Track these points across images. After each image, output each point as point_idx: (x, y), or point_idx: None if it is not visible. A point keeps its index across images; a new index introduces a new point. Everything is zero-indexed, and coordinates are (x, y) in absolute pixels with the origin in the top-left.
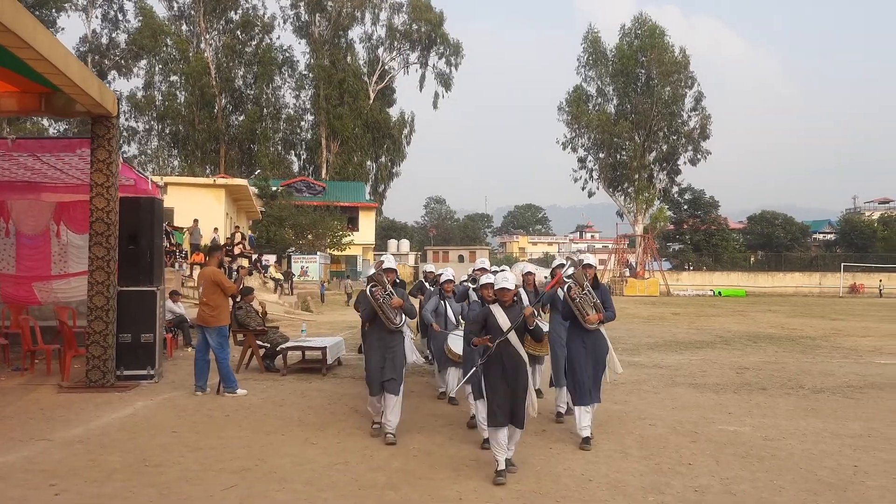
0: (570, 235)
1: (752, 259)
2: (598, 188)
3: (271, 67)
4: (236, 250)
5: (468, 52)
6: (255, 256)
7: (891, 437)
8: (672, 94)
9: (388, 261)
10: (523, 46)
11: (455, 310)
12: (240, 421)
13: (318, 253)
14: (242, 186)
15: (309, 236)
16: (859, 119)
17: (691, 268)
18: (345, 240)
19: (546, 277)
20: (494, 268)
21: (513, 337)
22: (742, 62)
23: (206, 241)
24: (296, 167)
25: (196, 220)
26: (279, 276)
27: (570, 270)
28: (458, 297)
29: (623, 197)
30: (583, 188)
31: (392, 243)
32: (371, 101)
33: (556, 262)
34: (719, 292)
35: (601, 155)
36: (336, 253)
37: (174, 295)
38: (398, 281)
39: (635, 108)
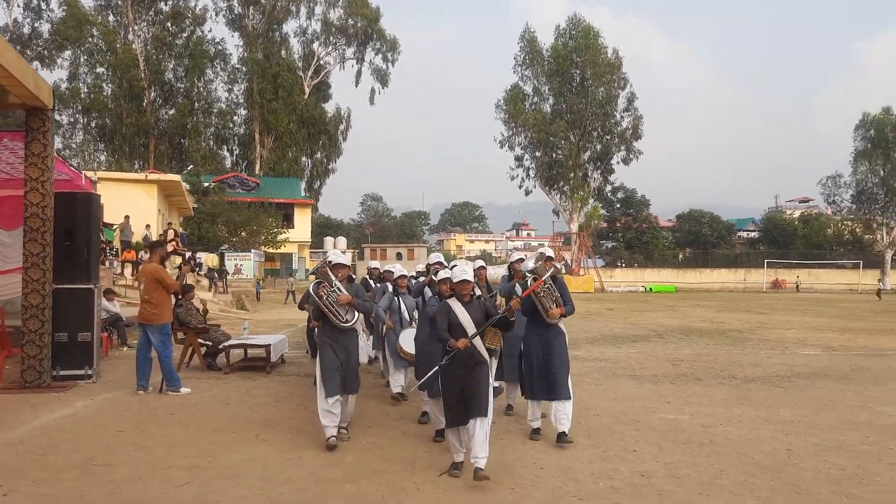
0: (507, 233)
1: (681, 256)
2: (534, 186)
3: (203, 60)
4: (169, 248)
5: (406, 48)
6: (188, 254)
7: (818, 422)
8: (605, 94)
9: (337, 256)
10: (461, 44)
11: (409, 306)
12: (186, 419)
13: (253, 251)
14: (175, 182)
15: (243, 233)
16: (781, 121)
17: (623, 265)
18: (280, 237)
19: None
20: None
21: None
22: (670, 63)
23: (137, 238)
24: (228, 163)
25: (127, 217)
26: (213, 266)
27: (531, 264)
28: (414, 293)
29: (559, 195)
30: (520, 186)
31: (328, 241)
32: (306, 96)
33: (514, 257)
34: (650, 288)
35: (538, 154)
36: (271, 251)
37: (108, 293)
38: (352, 277)
39: (570, 107)
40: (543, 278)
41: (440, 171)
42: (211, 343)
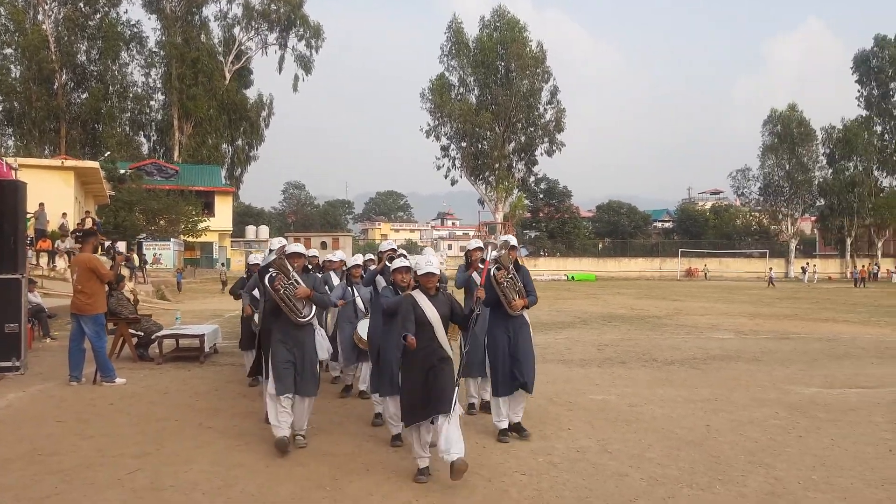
0: (432, 222)
1: (601, 246)
2: (460, 176)
3: (117, 43)
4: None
5: (330, 34)
6: (107, 243)
7: (733, 400)
8: (530, 87)
9: (295, 245)
10: (387, 32)
11: (364, 297)
12: (126, 409)
13: (172, 239)
14: (93, 169)
15: (161, 222)
16: (695, 116)
17: (546, 254)
18: (200, 226)
19: (443, 263)
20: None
21: (440, 330)
22: (589, 58)
23: (53, 226)
24: (146, 149)
25: (42, 205)
26: (133, 256)
27: (495, 253)
28: (365, 281)
29: (484, 185)
30: (445, 176)
31: (251, 229)
32: (227, 82)
33: (472, 244)
34: (572, 277)
35: (463, 144)
36: (191, 239)
37: (30, 284)
38: (309, 268)
39: (495, 99)
40: (508, 267)
41: (364, 159)
42: (143, 333)
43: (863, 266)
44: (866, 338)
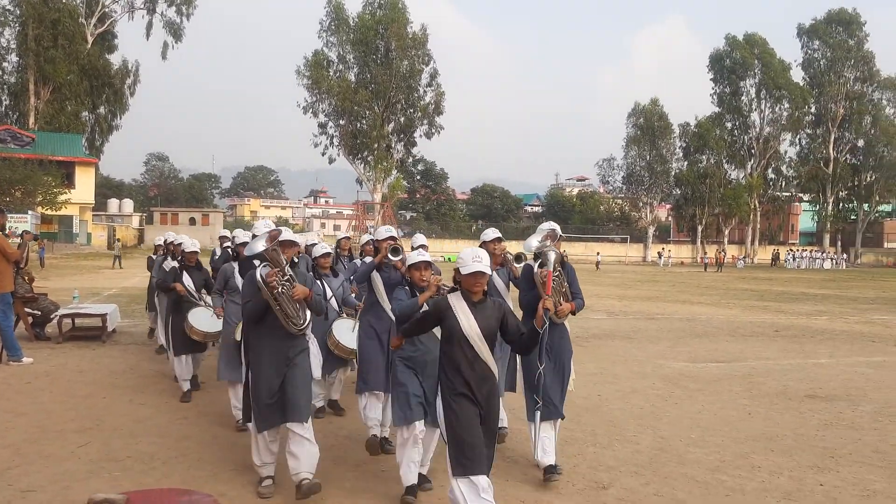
0: (305, 200)
1: (474, 228)
2: (338, 155)
3: None
4: None
5: (202, 1)
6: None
7: (617, 373)
8: (410, 68)
9: (287, 232)
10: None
11: (338, 294)
12: (47, 387)
13: (29, 212)
14: None
15: (17, 193)
16: (563, 105)
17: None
18: (60, 198)
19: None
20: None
21: (484, 350)
22: (465, 43)
23: None
24: None
25: None
26: None
27: (536, 241)
28: (359, 277)
29: (363, 165)
30: (323, 154)
31: (113, 203)
32: (89, 46)
33: (488, 235)
34: (450, 258)
35: (342, 122)
36: (49, 212)
37: None
38: (295, 261)
39: (375, 78)
40: (552, 264)
41: (233, 132)
42: (39, 312)
43: (718, 252)
44: (719, 318)
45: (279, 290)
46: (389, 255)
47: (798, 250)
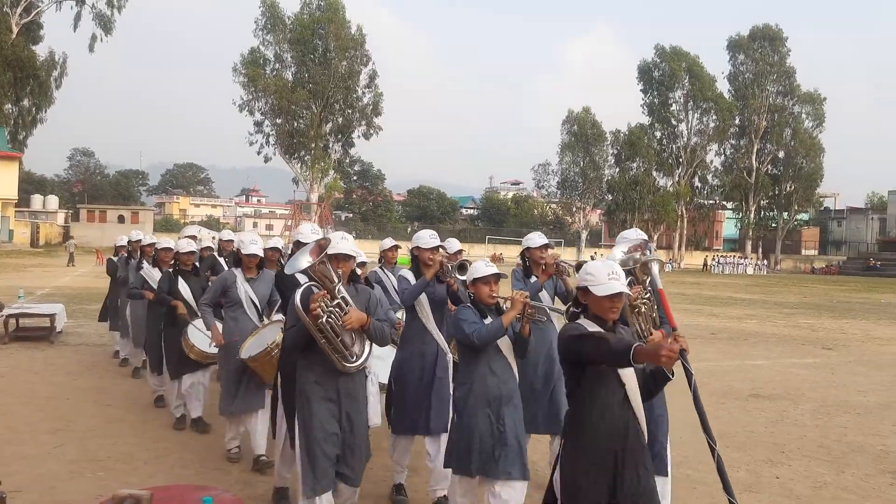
0: (236, 199)
1: (410, 229)
2: (274, 154)
3: None
4: None
5: None
6: None
7: None
8: (348, 68)
9: (342, 240)
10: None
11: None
12: (5, 388)
13: None
14: None
15: None
16: (499, 110)
17: (358, 236)
18: None
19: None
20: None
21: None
22: (401, 45)
23: None
24: None
25: None
26: None
27: (621, 252)
28: (406, 299)
29: (299, 164)
30: (258, 152)
31: (37, 199)
32: (14, 36)
33: (533, 240)
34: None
35: (279, 121)
36: None
37: None
38: (358, 275)
39: (313, 77)
40: (658, 279)
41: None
42: None
43: None
44: None
45: (326, 317)
46: (456, 273)
47: (726, 256)
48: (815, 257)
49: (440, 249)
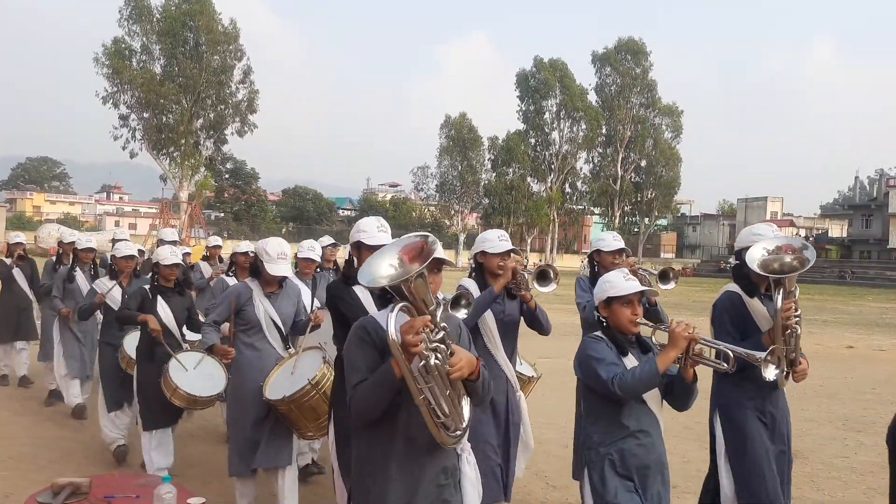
0: (96, 195)
1: (285, 230)
2: (141, 149)
3: None
4: None
5: None
6: None
7: None
8: (221, 63)
9: (437, 245)
10: None
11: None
12: None
13: None
14: None
15: None
16: (375, 110)
17: (228, 236)
18: None
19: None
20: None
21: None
22: (274, 41)
23: None
24: None
25: None
26: None
27: (759, 253)
28: (473, 314)
29: (168, 161)
30: (123, 147)
31: None
32: None
33: (605, 243)
34: None
35: (145, 115)
36: None
37: None
38: (440, 300)
39: (183, 71)
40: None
41: (10, 121)
42: None
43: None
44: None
45: (431, 360)
46: (536, 285)
47: None
48: (673, 260)
49: (512, 255)
